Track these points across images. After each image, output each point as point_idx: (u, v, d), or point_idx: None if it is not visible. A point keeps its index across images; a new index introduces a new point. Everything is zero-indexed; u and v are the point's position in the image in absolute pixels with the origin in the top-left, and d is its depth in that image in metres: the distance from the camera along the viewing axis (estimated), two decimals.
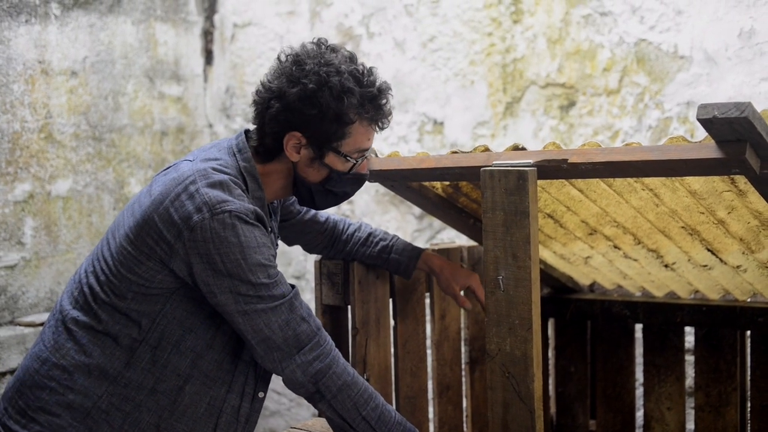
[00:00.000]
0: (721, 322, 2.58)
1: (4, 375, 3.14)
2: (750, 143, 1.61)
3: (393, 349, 2.49)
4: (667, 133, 3.02)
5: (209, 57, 4.19)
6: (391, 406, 1.97)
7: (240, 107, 4.12)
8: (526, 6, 3.30)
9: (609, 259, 2.57)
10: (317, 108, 1.85)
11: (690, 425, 2.85)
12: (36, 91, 3.40)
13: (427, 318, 2.62)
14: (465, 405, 2.73)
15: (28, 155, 3.36)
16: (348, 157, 1.92)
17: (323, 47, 1.91)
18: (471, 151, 2.04)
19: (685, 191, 1.98)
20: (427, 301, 2.59)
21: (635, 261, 2.51)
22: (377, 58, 3.68)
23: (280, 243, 2.24)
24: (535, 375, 1.86)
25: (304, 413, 4.00)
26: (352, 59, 1.91)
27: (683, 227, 2.22)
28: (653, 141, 3.05)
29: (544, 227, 2.43)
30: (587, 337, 2.89)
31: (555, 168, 1.85)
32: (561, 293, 2.91)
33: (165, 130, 3.95)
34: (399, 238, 2.39)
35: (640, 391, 2.91)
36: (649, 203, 2.12)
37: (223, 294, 1.78)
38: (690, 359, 2.86)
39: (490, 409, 1.93)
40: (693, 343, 2.72)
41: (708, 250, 2.30)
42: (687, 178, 1.92)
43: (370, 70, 1.92)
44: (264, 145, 1.93)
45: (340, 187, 1.97)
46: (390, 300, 2.48)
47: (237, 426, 1.91)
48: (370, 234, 2.37)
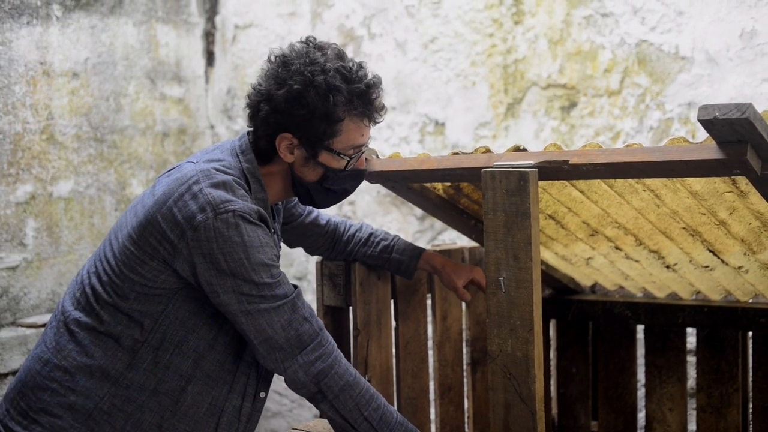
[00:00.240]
0: (723, 323, 2.58)
1: (5, 376, 3.14)
2: (751, 144, 1.61)
3: (394, 350, 2.49)
4: (669, 134, 3.02)
5: (210, 58, 4.20)
6: (393, 407, 1.97)
7: (241, 108, 4.12)
8: (527, 7, 3.31)
9: (610, 260, 2.57)
10: (305, 108, 1.85)
11: (692, 426, 2.85)
12: (37, 93, 3.40)
13: (429, 319, 2.61)
14: (466, 406, 2.73)
15: (29, 156, 3.37)
16: (342, 155, 1.91)
17: (311, 46, 1.90)
18: (472, 153, 2.04)
19: (687, 192, 1.98)
20: (429, 302, 2.59)
21: (637, 262, 2.51)
22: (378, 59, 3.68)
23: (282, 245, 2.24)
24: (537, 376, 1.85)
25: (305, 414, 4.00)
26: (340, 56, 1.89)
27: (684, 228, 2.21)
28: (654, 142, 3.04)
29: (545, 228, 2.43)
30: (589, 338, 2.89)
31: (556, 169, 1.85)
32: (562, 294, 2.91)
33: (166, 131, 3.96)
34: (400, 238, 2.39)
35: (641, 392, 2.91)
36: (651, 204, 2.12)
37: (226, 294, 1.78)
38: (692, 360, 2.86)
39: (491, 410, 1.93)
40: (694, 344, 2.71)
41: (709, 251, 2.30)
42: (688, 179, 1.92)
43: (359, 65, 1.91)
44: (259, 148, 1.93)
45: (338, 185, 1.97)
46: (391, 301, 2.48)
47: (238, 426, 1.92)
48: (371, 234, 2.37)
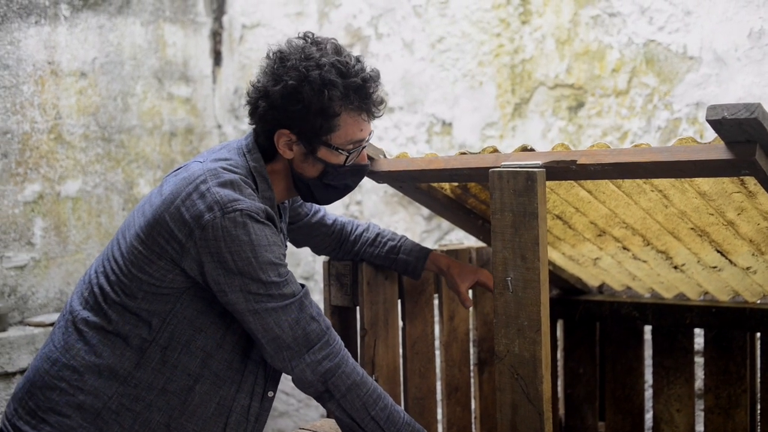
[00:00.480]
0: (731, 323, 2.57)
1: (14, 375, 3.15)
2: (760, 144, 1.60)
3: (402, 350, 2.49)
4: (677, 134, 3.01)
5: (218, 58, 4.20)
6: (400, 406, 1.97)
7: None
8: (534, 7, 3.30)
9: (618, 261, 2.57)
10: (300, 103, 1.84)
11: (699, 427, 2.84)
12: (45, 92, 3.41)
13: (436, 319, 2.61)
14: (473, 406, 2.73)
15: (37, 156, 3.38)
16: (340, 150, 1.91)
17: (309, 41, 1.90)
18: (479, 153, 2.04)
19: (695, 192, 1.98)
20: (436, 302, 2.59)
21: (644, 262, 2.51)
22: (386, 58, 3.68)
23: (288, 244, 2.24)
24: (544, 376, 1.85)
25: (312, 414, 4.01)
26: (337, 51, 1.89)
27: (692, 228, 2.21)
28: (662, 142, 3.04)
29: (552, 228, 2.43)
30: (596, 339, 2.89)
31: (564, 169, 1.85)
32: (570, 295, 2.90)
33: (174, 130, 3.96)
34: (407, 238, 2.38)
35: (649, 393, 2.90)
36: (659, 204, 2.12)
37: (234, 293, 1.78)
38: (699, 361, 2.85)
39: (498, 411, 1.93)
40: (702, 345, 2.71)
41: (717, 251, 2.29)
42: (696, 179, 1.91)
43: (356, 59, 1.90)
44: (260, 145, 1.93)
45: (338, 181, 1.96)
46: (399, 301, 2.47)
47: (246, 425, 1.92)
48: (377, 234, 2.37)
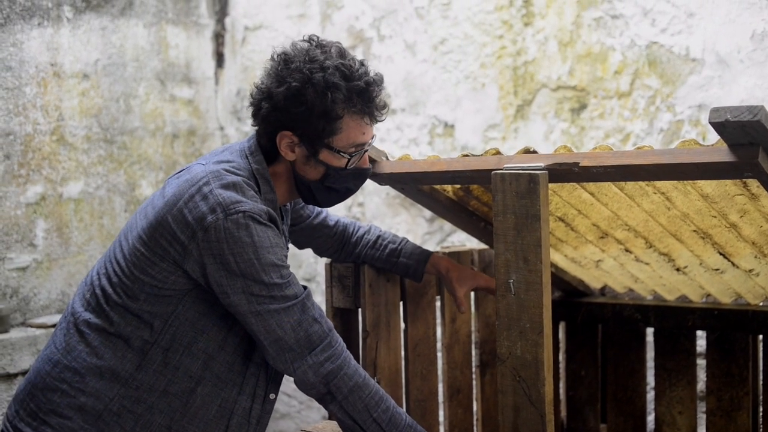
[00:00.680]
0: (733, 326, 2.57)
1: (15, 376, 3.15)
2: (763, 147, 1.60)
3: (403, 352, 2.48)
4: (679, 136, 3.01)
5: (220, 60, 4.20)
6: (402, 409, 1.97)
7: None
8: (537, 9, 3.30)
9: (620, 263, 2.57)
10: (303, 105, 1.84)
11: (701, 430, 2.84)
12: (48, 94, 3.42)
13: (438, 321, 2.61)
14: (475, 408, 2.72)
15: (40, 157, 3.38)
16: (342, 153, 1.90)
17: (313, 44, 1.90)
18: (482, 154, 2.04)
19: (697, 195, 1.98)
20: (438, 304, 2.59)
21: (647, 264, 2.50)
22: (388, 60, 3.68)
23: (290, 246, 2.24)
24: (546, 379, 1.85)
25: (314, 416, 4.00)
26: (341, 54, 1.89)
27: (695, 231, 2.21)
28: (665, 144, 3.03)
29: (555, 230, 2.43)
30: (598, 341, 2.88)
31: (566, 171, 1.85)
32: (572, 297, 2.90)
33: (176, 132, 3.97)
34: (408, 241, 2.38)
35: (651, 395, 2.90)
36: (661, 207, 2.11)
37: (236, 294, 1.78)
38: (701, 363, 2.85)
39: (500, 413, 1.93)
40: (704, 347, 2.70)
41: (720, 253, 2.29)
42: (699, 181, 1.91)
43: (360, 63, 1.90)
44: (263, 147, 1.93)
45: (340, 184, 1.96)
46: (400, 303, 2.47)
47: (248, 428, 1.92)
48: (378, 237, 2.36)
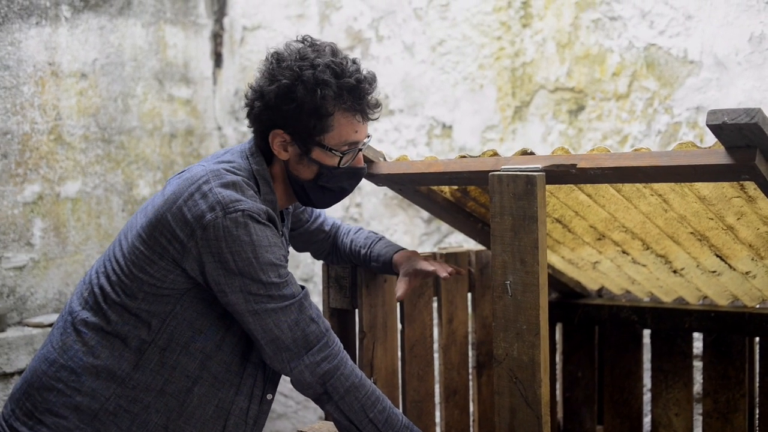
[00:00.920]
0: (730, 328, 2.57)
1: (12, 376, 3.15)
2: (760, 149, 1.61)
3: (400, 353, 2.48)
4: (677, 139, 3.01)
5: (218, 60, 4.20)
6: (398, 409, 1.97)
7: None
8: (535, 10, 3.30)
9: (617, 265, 2.57)
10: (294, 102, 1.85)
11: None
12: (46, 93, 3.41)
13: (435, 322, 2.61)
14: (472, 409, 2.72)
15: (37, 157, 3.38)
16: (334, 151, 1.90)
17: (307, 44, 1.91)
18: (479, 156, 2.04)
19: (694, 197, 1.98)
20: (435, 305, 2.59)
21: (644, 266, 2.51)
22: (386, 61, 3.68)
23: (289, 248, 2.24)
24: (543, 380, 1.85)
25: (310, 416, 4.00)
26: (333, 53, 1.90)
27: (692, 233, 2.21)
28: (662, 146, 3.04)
29: (552, 232, 2.43)
30: (595, 343, 2.88)
31: (564, 173, 1.85)
32: (569, 298, 2.90)
33: (174, 132, 3.96)
34: (377, 242, 2.29)
35: (647, 397, 2.90)
36: (658, 209, 2.12)
37: (234, 293, 1.79)
38: (698, 365, 2.85)
39: (497, 414, 1.93)
40: (701, 349, 2.71)
41: (717, 256, 2.29)
42: (696, 183, 1.91)
43: (352, 61, 1.91)
44: (260, 148, 1.94)
45: (334, 183, 1.96)
46: (397, 304, 2.47)
47: (245, 428, 1.92)
48: (352, 242, 2.31)
